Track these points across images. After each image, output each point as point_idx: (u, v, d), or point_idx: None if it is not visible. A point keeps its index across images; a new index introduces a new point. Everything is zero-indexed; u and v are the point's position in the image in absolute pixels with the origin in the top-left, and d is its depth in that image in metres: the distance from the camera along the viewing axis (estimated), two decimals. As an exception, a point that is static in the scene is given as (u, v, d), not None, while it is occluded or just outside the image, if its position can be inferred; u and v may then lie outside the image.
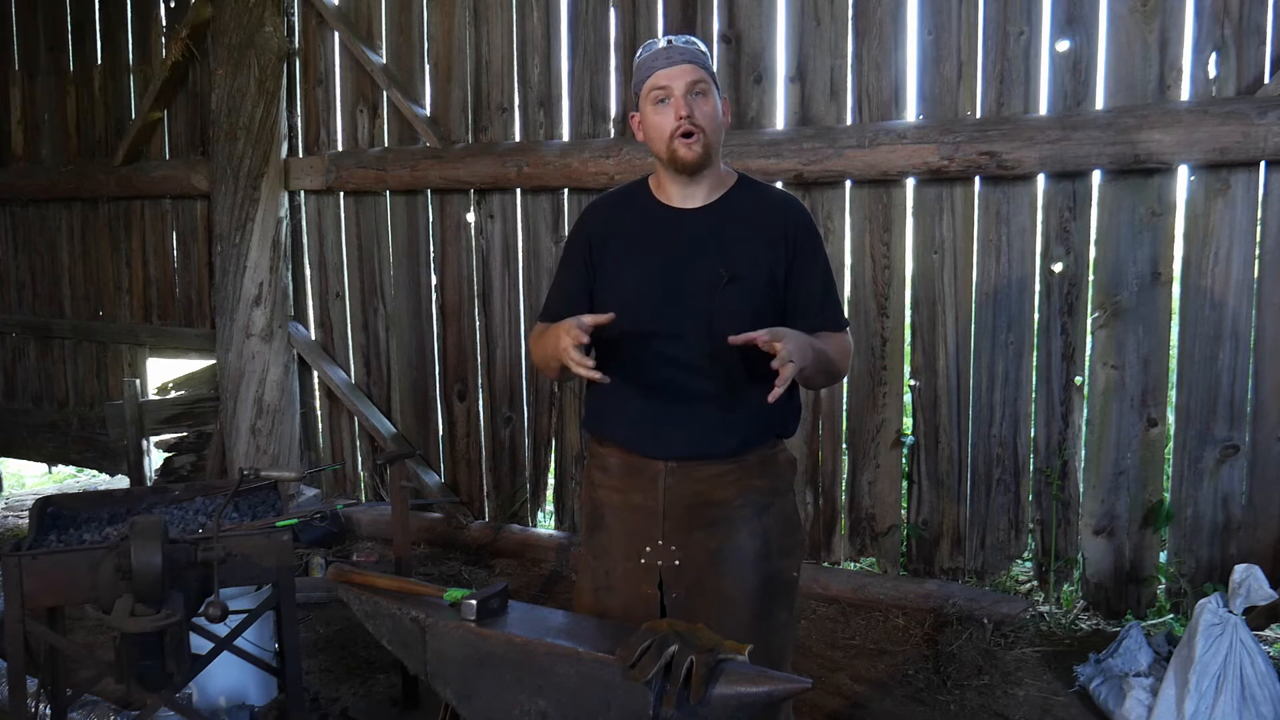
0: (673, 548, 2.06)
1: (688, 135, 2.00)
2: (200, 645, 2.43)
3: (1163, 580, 3.50)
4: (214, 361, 5.07)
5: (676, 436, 2.05)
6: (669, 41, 2.05)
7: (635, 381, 2.07)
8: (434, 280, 4.72)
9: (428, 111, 4.60)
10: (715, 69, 3.93)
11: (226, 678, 3.00)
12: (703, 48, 2.08)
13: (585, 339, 1.88)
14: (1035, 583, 3.73)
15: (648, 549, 2.07)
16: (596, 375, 1.87)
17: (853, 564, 4.03)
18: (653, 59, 2.04)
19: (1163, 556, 3.52)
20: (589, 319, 1.91)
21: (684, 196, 2.10)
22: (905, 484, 3.86)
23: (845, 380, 3.89)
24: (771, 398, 1.84)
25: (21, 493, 6.18)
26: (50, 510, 2.73)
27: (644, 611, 2.05)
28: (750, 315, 2.00)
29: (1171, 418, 3.54)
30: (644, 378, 2.07)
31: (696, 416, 2.04)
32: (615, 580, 2.11)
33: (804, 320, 2.07)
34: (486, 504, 4.70)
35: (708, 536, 2.06)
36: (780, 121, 3.90)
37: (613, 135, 4.19)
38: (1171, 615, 3.45)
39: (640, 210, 2.14)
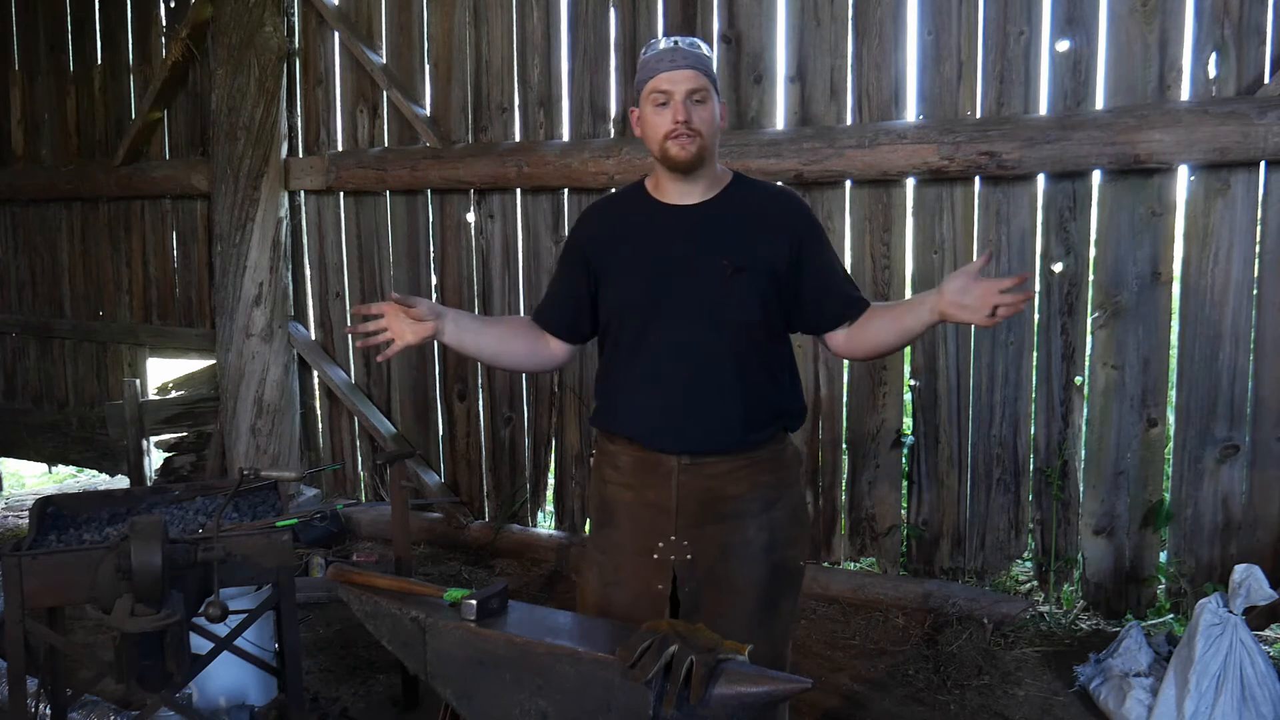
0: (685, 542, 2.08)
1: (681, 135, 2.03)
2: (200, 645, 2.43)
3: (1163, 580, 3.50)
4: (214, 361, 5.07)
5: (689, 429, 2.07)
6: (675, 43, 2.07)
7: (647, 376, 2.09)
8: (434, 280, 4.72)
9: (428, 111, 4.60)
10: (715, 69, 3.97)
11: (226, 678, 3.00)
12: (707, 51, 2.10)
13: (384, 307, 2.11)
14: (1035, 583, 3.73)
15: (660, 544, 2.09)
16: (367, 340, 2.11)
17: (853, 564, 4.03)
18: (657, 60, 2.06)
19: (1163, 556, 3.52)
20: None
21: (681, 194, 2.12)
22: (905, 484, 3.86)
23: (845, 380, 3.90)
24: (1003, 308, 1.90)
25: (21, 493, 6.18)
26: (50, 510, 2.73)
27: (650, 606, 2.07)
28: (759, 304, 2.07)
29: (1171, 418, 3.54)
30: (655, 372, 2.09)
31: (709, 408, 2.06)
32: (624, 575, 2.13)
33: (836, 311, 2.13)
34: (486, 504, 4.70)
35: (718, 531, 2.08)
36: (780, 121, 3.90)
37: (613, 135, 4.19)
38: (1171, 615, 3.45)
39: (639, 211, 2.17)
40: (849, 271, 3.77)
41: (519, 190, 4.42)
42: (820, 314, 2.15)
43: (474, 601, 1.91)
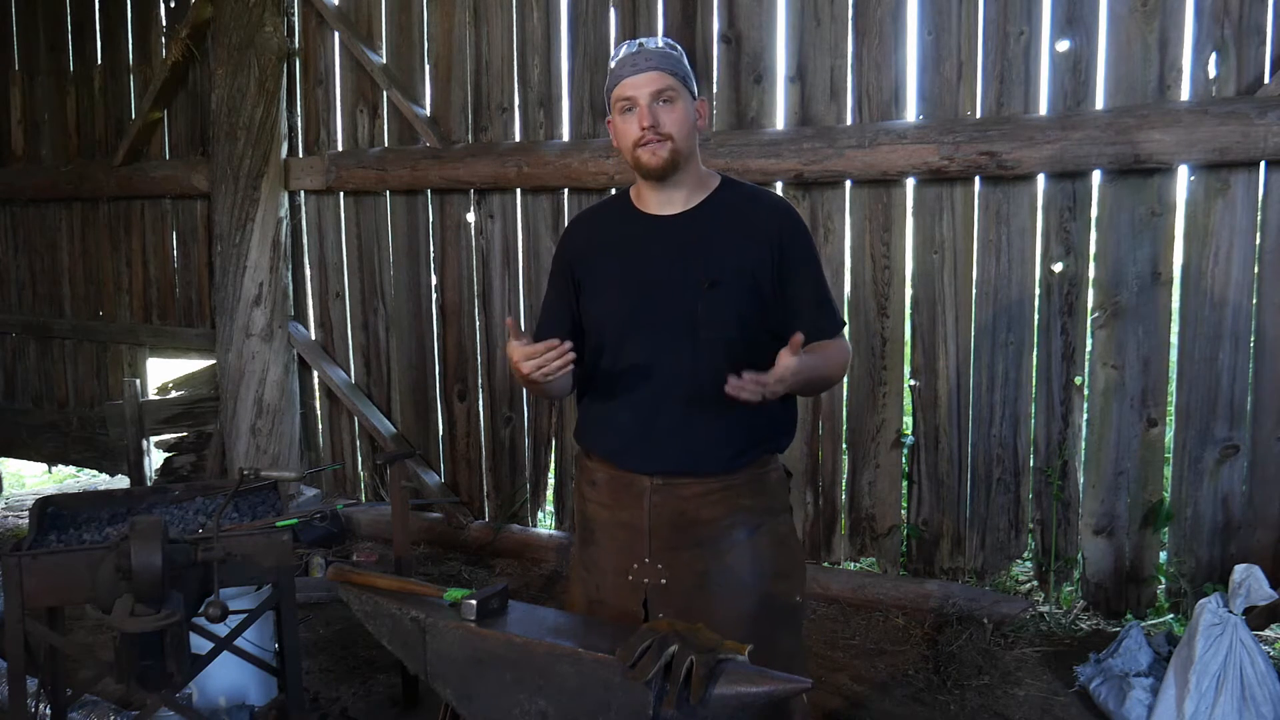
0: (659, 566, 2.02)
1: (650, 142, 1.96)
2: (200, 645, 2.43)
3: (1163, 580, 3.50)
4: (214, 361, 5.07)
5: (663, 449, 2.00)
6: (640, 45, 2.00)
7: (621, 393, 2.04)
8: (434, 280, 4.72)
9: (428, 111, 4.60)
10: (715, 69, 3.98)
11: (226, 678, 3.00)
12: (675, 50, 2.02)
13: (524, 346, 1.86)
14: (1035, 583, 3.73)
15: (635, 566, 2.03)
16: (554, 355, 1.84)
17: (853, 564, 4.03)
18: (621, 65, 1.99)
19: (1163, 556, 3.52)
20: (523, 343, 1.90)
21: (662, 203, 2.06)
22: (905, 484, 3.86)
23: (845, 380, 3.90)
24: (730, 388, 1.78)
25: (21, 493, 6.18)
26: (50, 510, 2.73)
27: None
28: (735, 321, 1.98)
29: (1171, 418, 3.54)
30: (630, 389, 2.03)
31: (684, 428, 1.98)
32: (605, 594, 2.09)
33: (797, 327, 2.01)
34: (486, 504, 4.70)
35: (694, 557, 2.01)
36: (780, 121, 3.90)
37: (613, 135, 4.18)
38: (1171, 615, 3.45)
39: (620, 221, 2.11)
40: (842, 279, 3.86)
41: (519, 190, 4.42)
42: (787, 332, 2.01)
43: (474, 601, 1.90)
